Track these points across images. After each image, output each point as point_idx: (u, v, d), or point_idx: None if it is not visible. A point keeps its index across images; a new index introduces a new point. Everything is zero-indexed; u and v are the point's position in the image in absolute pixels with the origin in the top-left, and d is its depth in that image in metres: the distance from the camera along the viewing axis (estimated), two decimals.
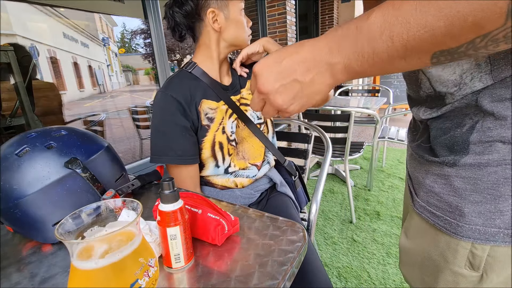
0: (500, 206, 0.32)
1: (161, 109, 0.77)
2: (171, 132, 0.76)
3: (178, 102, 0.76)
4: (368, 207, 2.10)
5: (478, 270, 0.35)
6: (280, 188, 0.95)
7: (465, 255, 0.36)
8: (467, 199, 0.34)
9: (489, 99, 0.30)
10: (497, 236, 0.33)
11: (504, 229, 0.32)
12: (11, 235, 0.62)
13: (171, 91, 0.77)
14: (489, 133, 0.31)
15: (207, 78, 0.83)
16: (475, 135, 0.33)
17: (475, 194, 0.34)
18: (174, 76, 0.83)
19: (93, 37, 3.42)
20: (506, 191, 0.31)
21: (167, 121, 0.77)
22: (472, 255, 0.35)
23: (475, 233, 0.34)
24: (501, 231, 0.33)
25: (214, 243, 0.52)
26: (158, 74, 1.95)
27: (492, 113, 0.31)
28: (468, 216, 0.34)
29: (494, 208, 0.33)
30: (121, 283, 0.34)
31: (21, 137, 0.57)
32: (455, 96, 0.33)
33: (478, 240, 0.34)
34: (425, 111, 0.39)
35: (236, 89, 0.89)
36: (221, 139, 0.82)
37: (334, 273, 1.48)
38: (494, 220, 0.33)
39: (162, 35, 1.86)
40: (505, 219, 0.32)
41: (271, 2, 3.02)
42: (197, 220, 0.52)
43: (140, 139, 2.97)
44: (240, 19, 0.81)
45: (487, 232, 0.33)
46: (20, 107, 1.25)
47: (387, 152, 3.22)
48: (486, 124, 0.31)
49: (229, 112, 0.84)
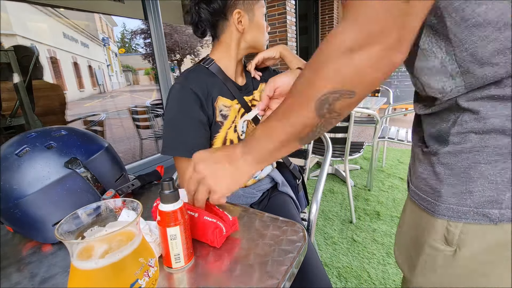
0: (470, 187, 0.37)
1: (178, 101, 0.76)
2: (186, 125, 0.76)
3: (196, 95, 0.76)
4: (368, 207, 2.10)
5: (452, 245, 0.40)
6: (282, 188, 0.96)
7: (442, 232, 0.40)
8: (444, 182, 0.40)
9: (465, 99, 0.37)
10: (468, 214, 0.38)
11: (474, 207, 0.37)
12: (11, 235, 0.62)
13: (190, 84, 0.77)
14: (465, 125, 0.37)
15: (223, 76, 0.83)
16: (455, 128, 0.38)
17: (451, 178, 0.39)
18: (191, 70, 0.83)
19: (93, 37, 3.42)
20: (475, 174, 0.37)
21: (184, 113, 0.76)
22: (447, 232, 0.40)
23: (449, 211, 0.39)
24: (471, 209, 0.37)
25: (213, 245, 0.52)
26: (158, 74, 1.95)
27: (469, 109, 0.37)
28: (444, 197, 0.40)
29: (465, 189, 0.37)
30: (121, 283, 0.34)
31: (21, 137, 0.57)
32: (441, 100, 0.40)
33: (452, 218, 0.39)
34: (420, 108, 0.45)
35: (249, 90, 0.90)
36: (232, 137, 0.83)
37: (334, 273, 1.48)
38: (465, 200, 0.38)
39: (162, 35, 1.86)
40: (474, 199, 0.37)
41: (271, 2, 3.02)
42: (195, 223, 0.52)
43: (140, 139, 2.97)
44: (262, 23, 0.83)
45: (459, 211, 0.38)
46: (20, 107, 1.25)
47: (387, 152, 3.22)
48: (464, 118, 0.37)
49: (241, 112, 0.84)
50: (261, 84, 0.93)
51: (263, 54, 0.87)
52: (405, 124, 4.63)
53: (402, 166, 2.85)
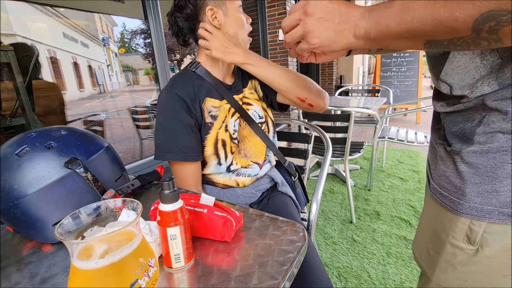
0: (496, 186, 0.37)
1: (166, 107, 0.78)
2: (175, 129, 0.77)
3: (182, 99, 0.78)
4: (368, 207, 2.10)
5: (475, 244, 0.39)
6: (281, 188, 0.95)
7: (464, 230, 0.40)
8: (469, 181, 0.39)
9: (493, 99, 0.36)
10: (492, 213, 0.37)
11: (499, 207, 0.37)
12: (11, 235, 0.62)
13: (176, 89, 0.79)
14: (492, 125, 0.37)
15: (211, 78, 0.84)
16: (481, 127, 0.38)
17: (476, 177, 0.39)
18: (178, 75, 0.85)
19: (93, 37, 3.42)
20: (501, 174, 0.36)
21: (172, 118, 0.78)
22: (470, 230, 0.40)
23: (473, 210, 0.39)
24: (496, 209, 0.37)
25: (224, 239, 0.52)
26: (158, 74, 1.95)
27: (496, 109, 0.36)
28: (468, 196, 0.39)
29: (491, 188, 0.37)
30: (121, 283, 0.34)
31: (21, 137, 0.57)
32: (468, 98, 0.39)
33: (476, 216, 0.39)
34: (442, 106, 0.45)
35: (238, 88, 0.90)
36: (224, 136, 0.83)
37: (334, 273, 1.48)
38: (490, 199, 0.37)
39: (162, 35, 1.86)
40: (500, 199, 0.37)
41: (271, 2, 3.02)
42: (203, 220, 0.53)
43: (140, 139, 2.97)
44: (238, 16, 0.82)
45: (483, 210, 0.38)
46: (20, 107, 1.25)
47: (387, 152, 3.22)
48: (491, 118, 0.37)
49: (231, 111, 0.84)
50: (250, 81, 0.93)
51: None
52: (405, 124, 4.63)
53: (402, 166, 2.85)
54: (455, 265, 0.42)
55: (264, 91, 0.94)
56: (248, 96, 0.90)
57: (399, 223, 1.88)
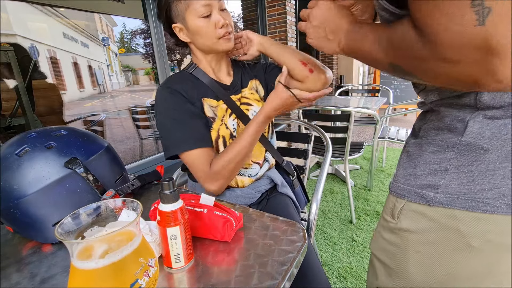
0: (416, 171, 0.44)
1: (167, 102, 0.77)
2: (183, 119, 0.76)
3: (180, 93, 0.78)
4: (368, 207, 2.10)
5: (395, 218, 0.46)
6: (281, 189, 0.95)
7: (391, 206, 0.47)
8: (401, 165, 0.47)
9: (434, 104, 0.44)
10: (410, 193, 0.44)
11: (416, 188, 0.43)
12: (11, 235, 0.62)
13: (172, 85, 0.79)
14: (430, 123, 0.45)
15: (207, 79, 0.84)
16: (425, 125, 0.46)
17: (406, 162, 0.46)
18: (174, 74, 0.86)
19: (93, 37, 3.42)
20: (421, 160, 0.43)
21: (176, 110, 0.77)
22: (394, 206, 0.46)
23: (397, 189, 0.46)
24: (413, 189, 0.43)
25: (224, 239, 0.52)
26: (158, 74, 1.95)
27: (435, 110, 0.44)
28: (397, 177, 0.47)
29: (412, 171, 0.44)
30: (121, 283, 0.34)
31: (21, 137, 0.57)
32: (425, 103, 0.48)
33: (399, 194, 0.45)
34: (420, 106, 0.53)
35: (237, 88, 0.89)
36: (224, 133, 0.83)
37: (334, 273, 1.48)
38: (410, 181, 0.44)
39: (162, 35, 1.86)
40: (417, 181, 0.43)
41: (271, 2, 3.02)
42: (203, 220, 0.53)
43: (140, 139, 2.97)
44: (198, 28, 0.76)
45: (404, 189, 0.45)
46: (20, 107, 1.25)
47: (387, 152, 3.22)
48: (431, 117, 0.45)
49: (229, 111, 0.84)
50: (251, 81, 0.92)
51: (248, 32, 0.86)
52: (405, 124, 4.63)
53: None
54: (382, 234, 0.49)
55: (267, 87, 0.93)
56: (248, 96, 0.90)
57: None
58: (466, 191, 0.38)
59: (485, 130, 0.36)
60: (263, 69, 0.95)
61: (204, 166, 0.76)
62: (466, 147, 0.38)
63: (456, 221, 0.39)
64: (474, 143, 0.37)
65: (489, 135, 0.36)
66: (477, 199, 0.37)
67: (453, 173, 0.39)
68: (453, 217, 0.39)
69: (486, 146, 0.36)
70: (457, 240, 0.39)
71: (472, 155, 0.38)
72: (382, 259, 0.49)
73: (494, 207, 0.36)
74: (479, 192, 0.37)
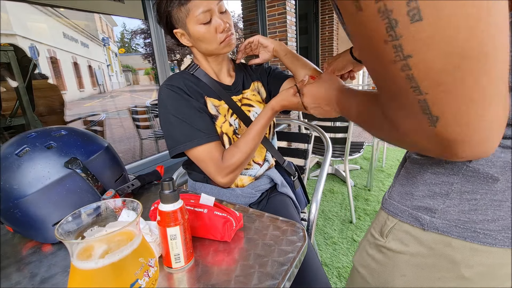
0: (413, 190, 0.41)
1: (172, 98, 0.77)
2: (190, 115, 0.76)
3: (184, 91, 0.78)
4: (368, 207, 2.10)
5: (384, 237, 0.44)
6: (281, 188, 0.95)
7: (381, 223, 0.45)
8: (398, 182, 0.45)
9: None
10: (404, 213, 0.41)
11: (411, 209, 0.40)
12: (11, 235, 0.62)
13: (175, 83, 0.79)
14: None
15: (208, 79, 0.84)
16: None
17: (404, 179, 0.44)
18: (176, 73, 0.85)
19: (93, 37, 3.42)
20: (419, 180, 0.40)
21: (182, 106, 0.76)
22: (384, 224, 0.44)
23: (391, 206, 0.43)
24: (407, 210, 0.41)
25: (224, 239, 0.52)
26: (158, 74, 1.95)
27: None
28: (393, 194, 0.44)
29: (409, 190, 0.42)
30: (121, 283, 0.34)
31: (21, 137, 0.57)
32: None
33: (392, 213, 0.43)
34: None
35: (238, 89, 0.89)
36: (227, 130, 0.83)
37: (334, 273, 1.48)
38: (406, 200, 0.41)
39: (162, 35, 1.86)
40: (413, 202, 0.40)
41: (271, 2, 3.02)
42: (203, 220, 0.53)
43: (140, 139, 2.97)
44: (200, 34, 0.76)
45: (398, 208, 0.42)
46: (20, 107, 1.25)
47: (387, 152, 3.22)
48: None
49: (230, 111, 0.85)
50: (253, 83, 0.92)
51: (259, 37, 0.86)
52: None
53: None
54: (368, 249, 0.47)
55: (269, 90, 0.94)
56: (249, 98, 0.90)
57: None
58: (466, 219, 0.36)
59: (497, 159, 0.34)
60: (267, 72, 0.95)
61: (216, 159, 0.76)
62: (473, 174, 0.35)
63: (451, 250, 0.37)
64: (483, 170, 0.35)
65: (501, 164, 0.34)
66: (478, 230, 0.35)
67: (454, 198, 0.37)
68: (448, 245, 0.37)
69: (496, 176, 0.34)
70: (449, 268, 0.37)
71: (478, 183, 0.35)
72: (363, 275, 0.47)
73: (496, 240, 0.34)
74: (481, 223, 0.35)
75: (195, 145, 0.74)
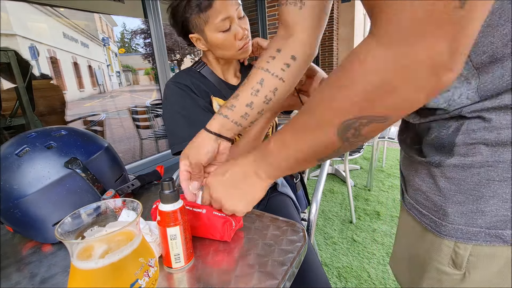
0: (482, 206, 0.33)
1: (178, 95, 0.77)
2: (195, 113, 0.76)
3: (190, 89, 0.79)
4: (368, 207, 2.10)
5: (461, 269, 0.36)
6: (281, 188, 0.95)
7: (449, 254, 0.37)
8: (450, 199, 0.36)
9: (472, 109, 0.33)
10: (478, 235, 0.34)
11: (486, 228, 0.33)
12: (11, 235, 0.62)
13: (182, 80, 0.79)
14: (473, 135, 0.33)
15: (215, 78, 0.85)
16: (460, 137, 0.34)
17: (458, 195, 0.35)
18: (183, 71, 0.86)
19: (93, 37, 3.42)
20: (487, 192, 0.33)
21: (188, 104, 0.77)
22: (455, 254, 0.36)
23: (457, 232, 0.35)
24: (482, 230, 0.34)
25: (223, 239, 0.52)
26: (158, 74, 1.95)
27: (478, 116, 0.32)
28: (451, 216, 0.36)
29: (476, 208, 0.34)
30: (121, 283, 0.34)
31: (21, 137, 0.57)
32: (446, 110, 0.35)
33: (461, 239, 0.35)
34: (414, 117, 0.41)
35: None
36: None
37: (334, 273, 1.48)
38: (476, 220, 0.34)
39: (162, 35, 1.86)
40: (486, 219, 0.33)
41: (271, 2, 3.02)
42: (202, 220, 0.53)
43: (140, 139, 2.97)
44: (219, 42, 0.76)
45: (469, 232, 0.35)
46: (20, 107, 1.25)
47: (387, 152, 3.22)
48: (470, 126, 0.33)
49: None
50: None
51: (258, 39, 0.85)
52: None
53: None
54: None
55: None
56: None
57: None
58: None
59: None
60: None
61: None
62: None
63: None
64: None
65: None
66: None
67: None
68: None
69: None
70: None
71: None
72: None
73: None
74: None
75: None
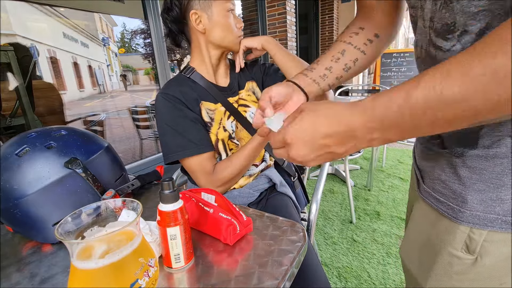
0: (502, 194, 0.34)
1: (167, 108, 0.78)
2: (183, 126, 0.77)
3: (179, 100, 0.79)
4: (368, 207, 2.10)
5: (474, 254, 0.37)
6: (280, 188, 0.95)
7: (463, 239, 0.38)
8: (471, 187, 0.37)
9: None
10: (495, 222, 0.35)
11: (503, 216, 0.35)
12: (11, 235, 0.62)
13: (171, 92, 0.79)
14: (500, 127, 0.33)
15: (204, 82, 0.85)
16: (485, 129, 0.34)
17: (479, 183, 0.36)
18: (173, 79, 0.86)
19: (93, 37, 3.42)
20: (508, 181, 0.34)
21: (176, 116, 0.78)
22: (469, 239, 0.37)
23: (474, 218, 0.37)
24: (499, 217, 0.35)
25: (226, 242, 0.52)
26: (158, 74, 1.95)
27: None
28: (470, 203, 0.37)
29: (495, 196, 0.35)
30: (121, 283, 0.34)
31: (21, 137, 0.57)
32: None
33: (477, 225, 0.36)
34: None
35: (234, 90, 0.90)
36: (223, 136, 0.84)
37: (334, 273, 1.48)
38: (494, 207, 0.35)
39: (162, 35, 1.86)
40: (504, 207, 0.34)
41: (271, 2, 3.02)
42: (209, 219, 0.53)
43: (140, 139, 2.97)
44: (225, 20, 0.79)
45: (486, 218, 0.36)
46: (20, 107, 1.25)
47: (387, 152, 3.22)
48: None
49: (227, 114, 0.85)
50: (247, 83, 0.92)
51: (245, 42, 0.85)
52: None
53: (402, 166, 2.84)
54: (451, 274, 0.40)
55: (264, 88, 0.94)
56: (245, 98, 0.90)
57: (399, 223, 1.88)
58: None
59: None
60: (261, 71, 0.95)
61: (207, 171, 0.78)
62: None
63: None
64: None
65: None
66: None
67: None
68: None
69: None
70: None
71: None
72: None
73: None
74: None
75: (186, 155, 0.76)
